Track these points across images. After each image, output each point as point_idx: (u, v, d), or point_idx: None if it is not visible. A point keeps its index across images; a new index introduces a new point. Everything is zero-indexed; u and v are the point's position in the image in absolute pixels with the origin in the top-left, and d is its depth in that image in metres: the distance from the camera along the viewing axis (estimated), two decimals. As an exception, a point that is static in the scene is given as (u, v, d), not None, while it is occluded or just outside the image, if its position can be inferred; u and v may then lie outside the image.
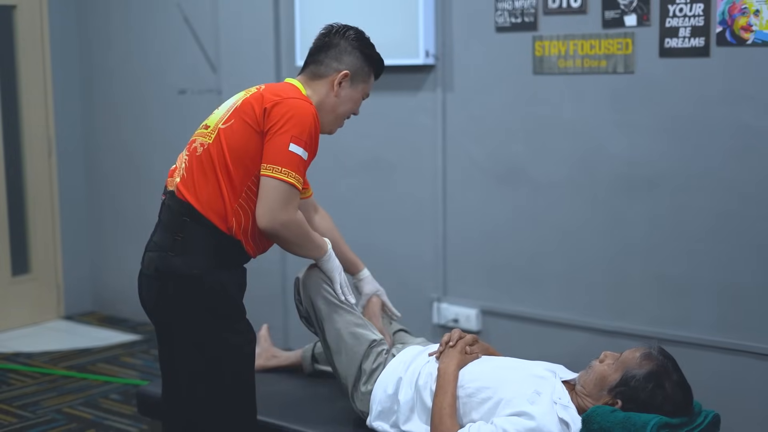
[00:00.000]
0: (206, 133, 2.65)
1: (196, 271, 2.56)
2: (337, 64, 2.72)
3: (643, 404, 2.53)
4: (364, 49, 2.75)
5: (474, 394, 2.59)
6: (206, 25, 5.06)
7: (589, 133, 3.83)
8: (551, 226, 3.98)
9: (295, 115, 2.55)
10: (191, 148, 2.67)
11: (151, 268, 2.64)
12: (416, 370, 2.74)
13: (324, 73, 2.73)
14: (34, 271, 5.60)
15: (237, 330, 2.65)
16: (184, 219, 2.58)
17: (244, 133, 2.57)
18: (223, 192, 2.57)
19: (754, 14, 3.36)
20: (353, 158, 4.57)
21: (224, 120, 2.62)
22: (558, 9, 3.82)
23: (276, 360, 3.39)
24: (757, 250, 3.47)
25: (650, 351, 2.59)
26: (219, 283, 2.58)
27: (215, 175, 2.57)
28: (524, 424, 2.43)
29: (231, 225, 2.57)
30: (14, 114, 5.45)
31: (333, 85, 2.72)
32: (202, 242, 2.57)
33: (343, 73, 2.71)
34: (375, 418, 2.77)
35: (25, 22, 5.43)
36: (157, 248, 2.63)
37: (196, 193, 2.58)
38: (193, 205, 2.57)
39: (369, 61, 2.77)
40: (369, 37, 2.82)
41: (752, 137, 3.44)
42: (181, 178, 2.64)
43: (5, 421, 4.07)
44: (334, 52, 2.73)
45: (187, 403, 2.68)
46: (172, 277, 2.59)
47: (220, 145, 2.59)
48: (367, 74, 2.78)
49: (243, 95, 2.67)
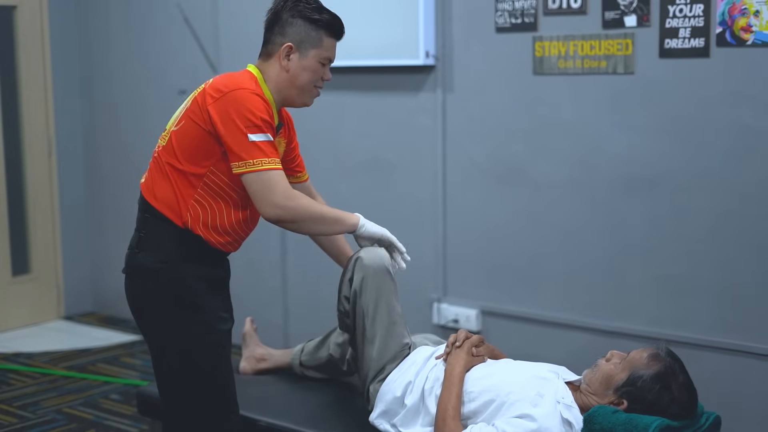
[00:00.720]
0: (163, 135, 2.73)
1: (156, 265, 2.64)
2: (281, 38, 2.67)
3: (649, 405, 2.52)
4: (306, 14, 2.66)
5: (477, 398, 2.59)
6: (206, 25, 5.06)
7: (589, 133, 3.83)
8: (551, 226, 3.98)
9: (235, 107, 2.53)
10: (155, 150, 2.76)
11: (125, 266, 2.75)
12: (425, 375, 2.74)
13: (272, 51, 2.69)
14: (34, 271, 5.60)
15: (200, 320, 2.67)
16: (145, 216, 2.68)
17: (194, 133, 2.61)
18: (176, 189, 2.63)
19: (754, 15, 3.36)
20: (353, 158, 4.57)
21: (176, 122, 2.69)
22: (558, 9, 3.83)
23: (266, 363, 3.34)
24: (757, 250, 3.48)
25: (658, 352, 2.59)
26: (179, 275, 2.64)
27: (167, 174, 2.65)
28: (525, 426, 2.43)
29: (186, 220, 2.63)
30: (14, 114, 5.45)
31: (280, 61, 2.67)
32: (163, 237, 2.65)
33: (286, 47, 2.66)
34: (377, 416, 2.77)
35: (25, 22, 5.43)
36: (129, 247, 2.74)
37: (153, 192, 2.67)
38: (150, 203, 2.67)
39: (315, 25, 2.67)
40: (313, 0, 2.72)
41: (752, 138, 3.44)
42: (146, 178, 2.75)
43: (5, 421, 4.07)
44: (278, 27, 2.69)
45: (164, 397, 2.76)
46: (137, 273, 2.69)
47: (171, 147, 2.66)
48: (316, 39, 2.67)
49: (193, 94, 2.70)
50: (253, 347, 3.38)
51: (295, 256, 4.82)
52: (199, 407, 2.69)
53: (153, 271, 2.64)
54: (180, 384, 2.70)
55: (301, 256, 4.79)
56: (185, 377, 2.68)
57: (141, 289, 2.68)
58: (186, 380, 2.68)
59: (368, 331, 2.82)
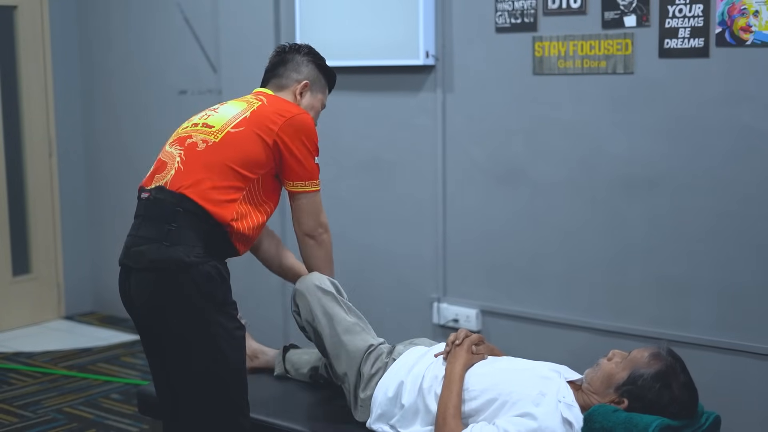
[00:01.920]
0: (212, 131, 2.73)
1: (194, 258, 2.61)
2: (296, 75, 2.94)
3: (649, 404, 2.53)
4: (318, 61, 2.99)
5: (479, 396, 2.59)
6: (206, 25, 5.06)
7: (589, 133, 3.83)
8: (551, 226, 3.98)
9: (305, 132, 2.78)
10: (187, 145, 2.73)
11: (144, 261, 2.65)
12: (420, 373, 2.73)
13: (286, 84, 2.94)
14: (34, 271, 5.61)
15: (230, 315, 2.68)
16: (177, 209, 2.64)
17: (256, 142, 2.72)
18: (226, 188, 2.66)
19: (753, 15, 3.36)
20: (353, 159, 4.57)
21: (234, 125, 2.74)
22: (558, 9, 3.83)
23: (258, 361, 3.36)
24: (757, 250, 3.48)
25: (659, 351, 2.60)
26: (215, 268, 2.64)
27: (220, 171, 2.66)
28: (526, 424, 2.44)
29: (228, 218, 2.65)
30: (15, 114, 5.46)
31: (295, 95, 2.93)
32: (195, 232, 2.63)
33: (304, 83, 2.93)
34: (375, 420, 2.76)
35: (25, 22, 5.43)
36: (148, 241, 2.65)
37: (196, 185, 2.64)
38: (191, 197, 2.63)
39: (324, 72, 2.99)
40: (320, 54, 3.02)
41: (752, 138, 3.45)
42: (176, 171, 2.69)
43: (6, 420, 4.07)
44: (292, 65, 2.96)
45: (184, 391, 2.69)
46: (168, 266, 2.61)
47: (229, 146, 2.70)
48: (323, 86, 3.00)
49: (247, 106, 2.81)
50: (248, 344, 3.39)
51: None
52: (223, 404, 2.66)
53: (188, 264, 2.59)
54: (206, 381, 2.65)
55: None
56: (215, 373, 2.64)
57: (172, 283, 2.61)
58: (216, 377, 2.64)
59: (329, 349, 2.87)
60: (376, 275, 4.57)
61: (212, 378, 2.65)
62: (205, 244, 2.63)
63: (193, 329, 2.63)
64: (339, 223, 4.69)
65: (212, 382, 2.66)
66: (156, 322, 2.69)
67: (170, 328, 2.67)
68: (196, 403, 2.68)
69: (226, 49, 4.94)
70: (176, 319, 2.64)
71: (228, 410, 2.68)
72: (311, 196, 2.83)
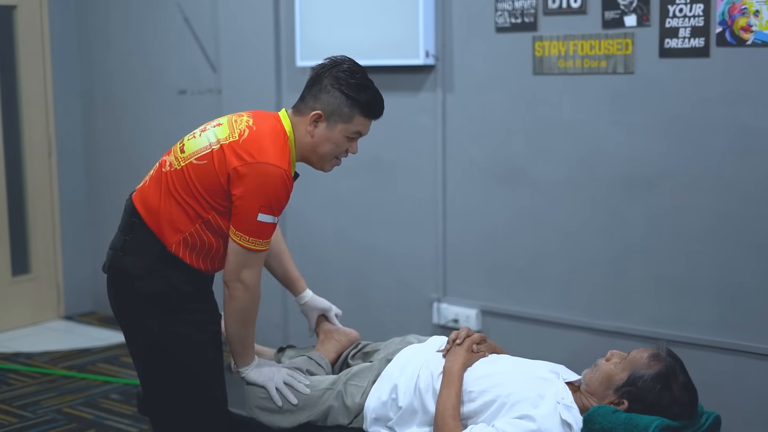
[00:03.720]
0: (179, 157, 2.65)
1: (140, 271, 2.62)
2: (313, 102, 2.64)
3: (649, 405, 2.52)
4: (345, 90, 2.62)
5: (478, 398, 2.58)
6: (206, 25, 5.06)
7: (589, 133, 3.83)
8: (551, 226, 3.98)
9: (262, 184, 2.52)
10: (162, 160, 2.70)
11: (106, 267, 2.73)
12: (414, 373, 2.70)
13: (303, 110, 2.66)
14: (34, 271, 5.60)
15: (186, 321, 2.66)
16: (133, 220, 2.66)
17: (212, 178, 2.57)
18: (174, 216, 2.60)
19: (753, 15, 3.36)
20: (353, 158, 4.54)
21: (198, 156, 2.61)
22: (558, 9, 3.83)
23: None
24: (757, 250, 3.48)
25: (659, 352, 2.59)
26: (165, 279, 2.62)
27: (171, 199, 2.61)
28: (525, 426, 2.43)
29: (173, 247, 2.61)
30: (14, 114, 5.45)
31: (307, 126, 2.65)
32: (149, 246, 2.63)
33: (314, 114, 2.63)
34: (370, 425, 2.74)
35: (25, 22, 5.43)
36: (112, 247, 2.71)
37: (148, 206, 2.64)
38: (142, 216, 2.64)
39: (351, 102, 2.62)
40: (361, 75, 2.68)
41: (752, 137, 3.44)
42: (143, 184, 2.71)
43: (5, 421, 4.07)
44: (316, 89, 2.64)
45: (152, 399, 2.75)
46: (120, 275, 2.67)
47: (187, 176, 2.60)
48: (348, 116, 2.63)
49: (225, 136, 2.60)
50: None
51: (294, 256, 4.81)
52: (189, 407, 2.68)
53: (137, 277, 2.63)
54: (169, 385, 2.68)
55: (301, 257, 4.78)
56: (174, 378, 2.66)
57: (124, 291, 2.66)
58: (175, 381, 2.66)
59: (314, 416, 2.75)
60: (376, 275, 4.57)
61: (173, 382, 2.68)
62: (162, 258, 2.62)
63: (146, 336, 2.67)
64: (339, 223, 4.69)
65: (174, 386, 2.68)
66: (121, 325, 2.76)
67: (128, 332, 2.74)
68: (164, 404, 2.73)
69: (226, 49, 4.94)
70: (131, 326, 2.71)
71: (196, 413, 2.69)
72: (244, 251, 2.56)
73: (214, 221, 2.60)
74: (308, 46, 4.46)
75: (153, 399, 2.76)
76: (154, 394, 2.75)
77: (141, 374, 2.76)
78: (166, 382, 2.69)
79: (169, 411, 2.72)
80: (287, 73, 4.71)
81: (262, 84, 4.76)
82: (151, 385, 2.74)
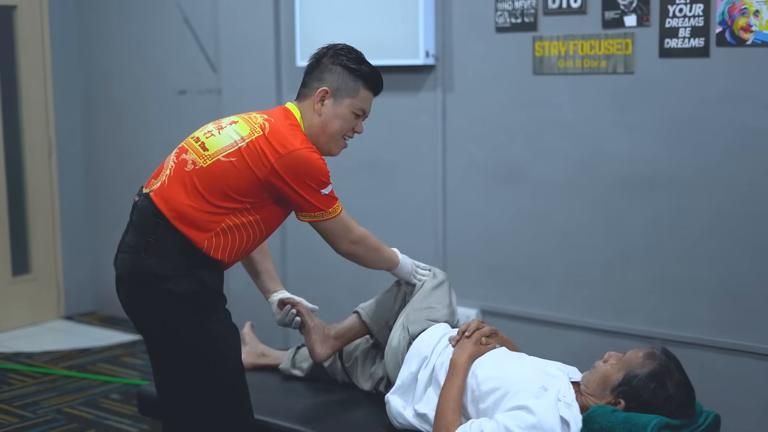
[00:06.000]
0: (203, 154, 2.63)
1: (169, 272, 2.59)
2: (318, 83, 2.71)
3: (645, 404, 2.53)
4: (347, 63, 2.71)
5: (483, 383, 2.60)
6: (206, 25, 5.06)
7: (589, 133, 3.83)
8: (551, 226, 3.98)
9: (303, 171, 2.61)
10: (180, 159, 2.67)
11: (126, 271, 2.66)
12: (439, 351, 2.77)
13: (308, 94, 2.73)
14: (34, 271, 5.60)
15: (218, 320, 2.66)
16: (156, 221, 2.61)
17: (246, 175, 2.60)
18: (202, 214, 2.59)
19: (753, 15, 3.36)
20: (353, 159, 4.56)
21: (227, 153, 2.61)
22: (558, 9, 3.83)
23: (266, 359, 3.36)
24: (757, 250, 3.48)
25: (653, 351, 2.60)
26: (196, 278, 2.60)
27: (202, 197, 2.59)
28: (525, 418, 2.44)
29: (205, 245, 2.60)
30: (14, 114, 5.45)
31: (314, 105, 2.71)
32: (175, 245, 2.59)
33: (321, 90, 2.70)
34: (394, 391, 2.77)
35: (25, 22, 5.43)
36: (131, 249, 2.65)
37: (173, 206, 2.60)
38: (166, 215, 2.60)
39: (354, 75, 2.71)
40: (359, 52, 2.77)
41: (752, 137, 3.45)
42: (161, 184, 2.66)
43: (5, 421, 4.07)
44: (318, 71, 2.73)
45: (179, 401, 2.69)
46: (148, 278, 2.61)
47: (214, 174, 2.60)
48: (353, 89, 2.71)
49: (249, 133, 2.64)
50: (255, 344, 3.42)
51: (295, 256, 4.82)
52: (215, 411, 2.65)
53: (162, 278, 2.58)
54: (197, 389, 2.64)
55: (301, 257, 4.79)
56: (203, 381, 2.63)
57: (154, 294, 2.61)
58: (205, 384, 2.63)
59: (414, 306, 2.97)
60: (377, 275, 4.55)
61: (201, 385, 2.64)
62: (187, 257, 2.59)
63: (175, 338, 2.63)
64: (339, 223, 4.69)
65: (201, 386, 2.65)
66: (144, 330, 2.72)
67: (156, 336, 2.68)
68: (191, 407, 2.68)
69: (226, 49, 4.94)
70: (160, 329, 2.65)
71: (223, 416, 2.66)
72: (328, 223, 2.70)
73: (242, 215, 2.61)
74: (308, 46, 4.45)
75: (174, 403, 2.70)
76: (176, 399, 2.69)
77: (163, 378, 2.71)
78: (194, 385, 2.64)
79: (192, 415, 2.66)
80: (287, 73, 4.71)
81: (262, 84, 4.76)
82: (173, 390, 2.68)
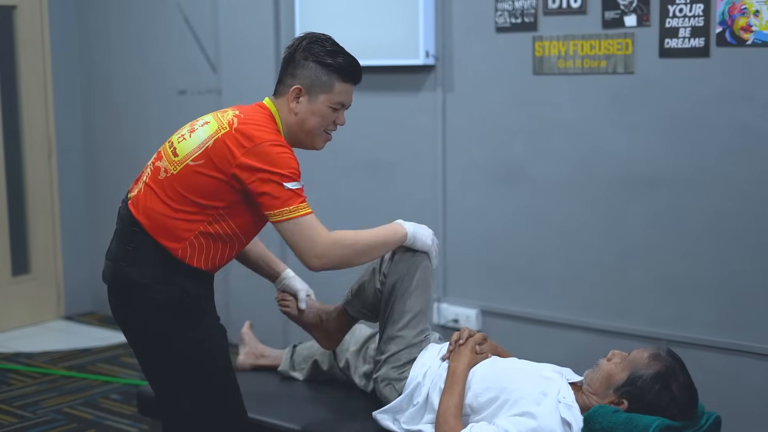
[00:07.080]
0: (174, 161, 2.60)
1: (148, 280, 2.57)
2: (291, 80, 2.64)
3: (649, 405, 2.53)
4: (317, 58, 2.60)
5: (481, 394, 2.59)
6: (206, 25, 5.06)
7: (589, 133, 3.83)
8: (551, 226, 3.98)
9: (270, 162, 2.51)
10: (155, 166, 2.64)
11: (109, 278, 2.67)
12: (431, 375, 2.74)
13: (283, 91, 2.66)
14: (34, 271, 5.60)
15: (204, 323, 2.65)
16: (134, 230, 2.59)
17: (213, 174, 2.54)
18: (176, 223, 2.56)
19: (753, 15, 3.36)
20: (353, 158, 4.57)
21: (194, 157, 2.56)
22: (558, 9, 3.83)
23: (265, 359, 3.37)
24: (757, 250, 3.48)
25: (659, 352, 2.59)
26: (177, 286, 2.58)
27: (170, 205, 2.56)
28: (526, 424, 2.44)
29: (180, 254, 2.57)
30: (14, 114, 5.45)
31: (289, 104, 2.64)
32: (153, 254, 2.58)
33: (294, 89, 2.62)
34: (382, 410, 2.76)
35: (25, 22, 5.43)
36: (113, 257, 2.66)
37: (148, 215, 2.58)
38: (143, 225, 2.58)
39: (327, 69, 2.61)
40: (331, 42, 2.66)
41: (752, 137, 3.44)
42: (138, 192, 2.64)
43: (5, 421, 4.07)
44: (291, 67, 2.64)
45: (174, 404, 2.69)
46: (128, 286, 2.61)
47: (184, 179, 2.56)
48: (327, 84, 2.61)
49: (214, 130, 2.57)
50: (254, 344, 3.43)
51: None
52: (211, 413, 2.65)
53: (147, 286, 2.57)
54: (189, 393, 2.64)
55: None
56: (195, 384, 2.63)
57: (135, 302, 2.60)
58: (196, 387, 2.63)
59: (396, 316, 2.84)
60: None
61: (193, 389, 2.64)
62: (164, 266, 2.57)
63: (162, 344, 2.63)
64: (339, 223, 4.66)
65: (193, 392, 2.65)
66: (132, 337, 2.73)
67: (143, 343, 2.69)
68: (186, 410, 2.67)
69: (226, 49, 4.94)
70: (145, 336, 2.66)
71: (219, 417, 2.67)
72: (291, 224, 2.53)
73: (216, 222, 2.57)
74: (308, 46, 4.46)
75: (170, 407, 2.70)
76: (171, 402, 2.69)
77: (157, 383, 2.71)
78: (186, 389, 2.64)
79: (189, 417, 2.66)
80: (287, 73, 4.70)
81: (262, 84, 4.76)
82: (167, 394, 2.69)
